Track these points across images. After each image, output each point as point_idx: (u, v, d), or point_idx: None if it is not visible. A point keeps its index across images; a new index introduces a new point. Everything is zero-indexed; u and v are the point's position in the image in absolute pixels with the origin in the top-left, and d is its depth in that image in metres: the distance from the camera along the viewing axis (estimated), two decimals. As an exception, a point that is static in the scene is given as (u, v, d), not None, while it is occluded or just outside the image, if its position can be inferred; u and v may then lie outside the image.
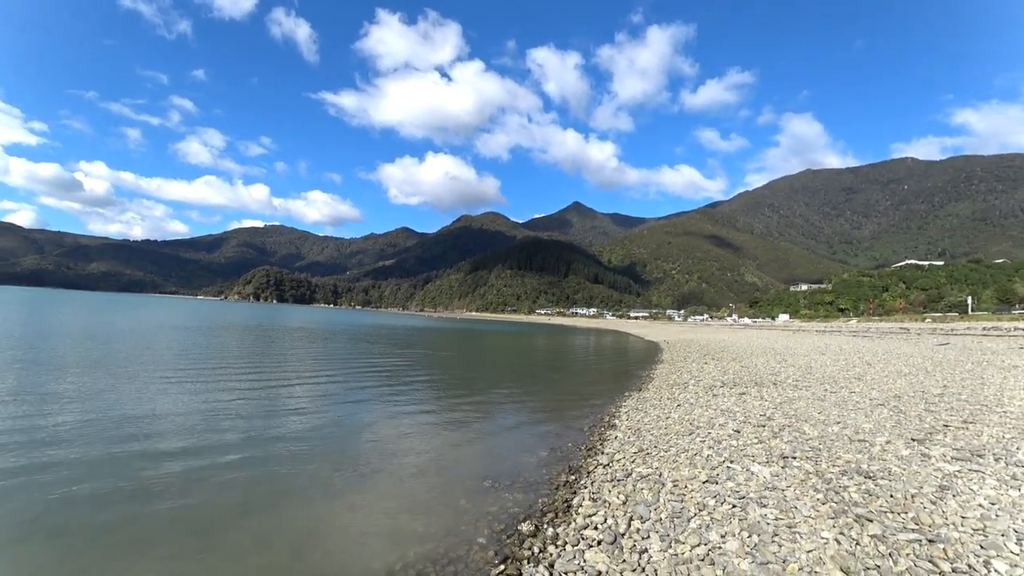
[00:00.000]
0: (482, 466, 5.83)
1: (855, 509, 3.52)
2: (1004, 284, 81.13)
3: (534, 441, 7.06)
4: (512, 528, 4.05)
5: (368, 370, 14.37)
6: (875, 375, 10.73)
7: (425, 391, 11.19)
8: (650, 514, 3.78)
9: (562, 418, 8.61)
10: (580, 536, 3.59)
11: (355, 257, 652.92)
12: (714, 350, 23.04)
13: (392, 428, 7.41)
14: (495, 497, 4.80)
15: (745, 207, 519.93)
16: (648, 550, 3.24)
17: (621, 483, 4.62)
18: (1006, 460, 4.34)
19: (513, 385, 12.91)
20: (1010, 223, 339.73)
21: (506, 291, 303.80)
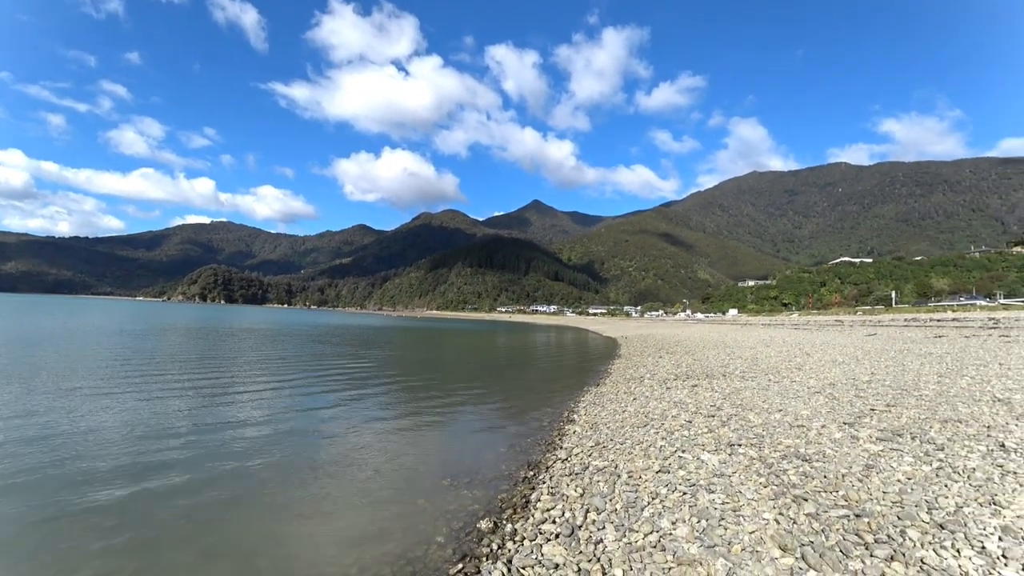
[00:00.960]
0: (441, 465, 5.79)
1: (793, 490, 3.76)
2: (922, 279, 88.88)
3: (494, 438, 7.07)
4: (471, 526, 4.05)
5: (323, 372, 13.91)
6: (813, 365, 11.47)
7: (383, 391, 10.96)
8: (606, 505, 3.88)
9: (522, 415, 8.67)
10: (538, 531, 3.64)
11: (310, 255, 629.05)
12: (669, 345, 23.90)
13: (348, 430, 7.21)
14: (454, 495, 4.77)
15: (697, 207, 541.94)
16: (603, 540, 3.32)
17: (579, 476, 4.71)
18: (920, 439, 4.77)
19: (473, 383, 12.88)
20: (927, 224, 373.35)
21: (467, 289, 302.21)
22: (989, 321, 24.07)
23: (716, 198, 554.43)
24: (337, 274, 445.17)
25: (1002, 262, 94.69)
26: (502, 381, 13.80)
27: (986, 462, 4.02)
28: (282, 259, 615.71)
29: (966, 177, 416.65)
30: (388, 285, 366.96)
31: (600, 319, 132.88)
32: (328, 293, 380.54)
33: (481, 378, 14.30)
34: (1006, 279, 74.61)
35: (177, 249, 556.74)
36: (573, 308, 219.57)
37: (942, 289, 77.69)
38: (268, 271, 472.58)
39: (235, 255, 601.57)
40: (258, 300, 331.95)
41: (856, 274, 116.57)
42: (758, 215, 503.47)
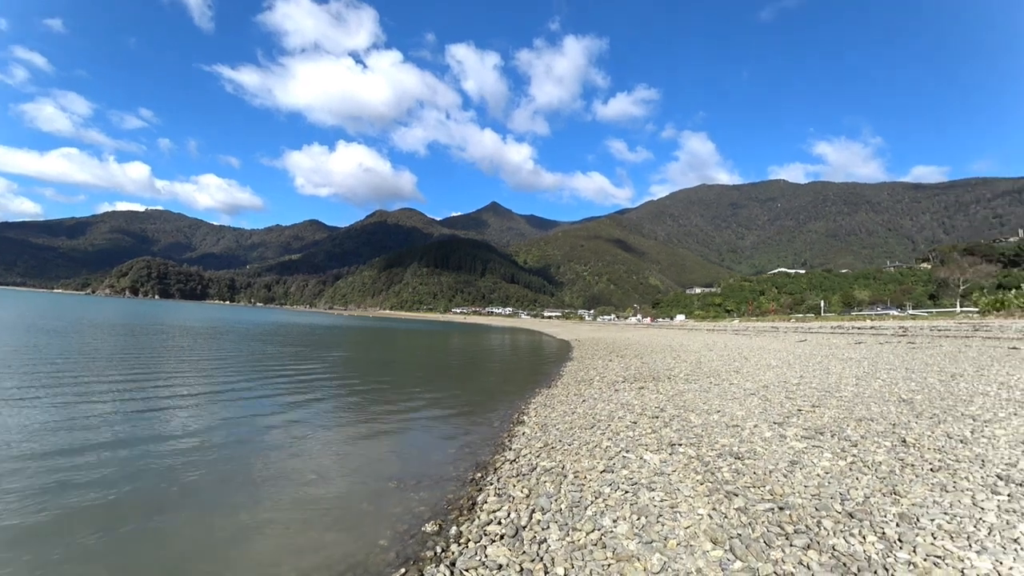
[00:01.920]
0: (388, 467, 5.66)
1: (726, 487, 3.98)
2: (847, 290, 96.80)
3: (444, 439, 7.01)
4: (416, 528, 3.99)
5: (265, 373, 13.25)
6: (750, 368, 12.19)
7: (330, 393, 10.58)
8: (551, 505, 3.95)
9: (473, 416, 8.65)
10: (483, 532, 3.64)
11: (256, 250, 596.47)
12: (619, 348, 24.63)
13: (290, 435, 6.90)
14: (400, 497, 4.69)
15: (650, 215, 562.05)
16: (547, 540, 3.37)
17: (526, 477, 4.76)
18: (838, 436, 5.19)
19: (425, 384, 12.70)
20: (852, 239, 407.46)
21: (422, 289, 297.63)
22: (899, 329, 26.54)
23: (667, 208, 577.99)
24: (286, 270, 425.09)
25: (911, 276, 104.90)
26: (455, 383, 13.70)
27: (890, 456, 4.44)
28: (225, 253, 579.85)
29: (884, 199, 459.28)
30: (340, 283, 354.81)
31: (554, 322, 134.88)
32: (276, 290, 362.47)
33: (433, 380, 14.12)
34: (914, 292, 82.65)
35: (105, 238, 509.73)
36: (528, 310, 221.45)
37: (863, 300, 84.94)
38: (209, 265, 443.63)
39: (172, 247, 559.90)
40: (198, 296, 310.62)
41: (791, 284, 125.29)
42: (706, 225, 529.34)
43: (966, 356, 12.40)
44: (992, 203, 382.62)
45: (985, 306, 37.56)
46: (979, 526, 3.03)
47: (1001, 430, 5.15)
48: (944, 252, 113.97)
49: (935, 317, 43.57)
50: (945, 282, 74.01)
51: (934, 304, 68.26)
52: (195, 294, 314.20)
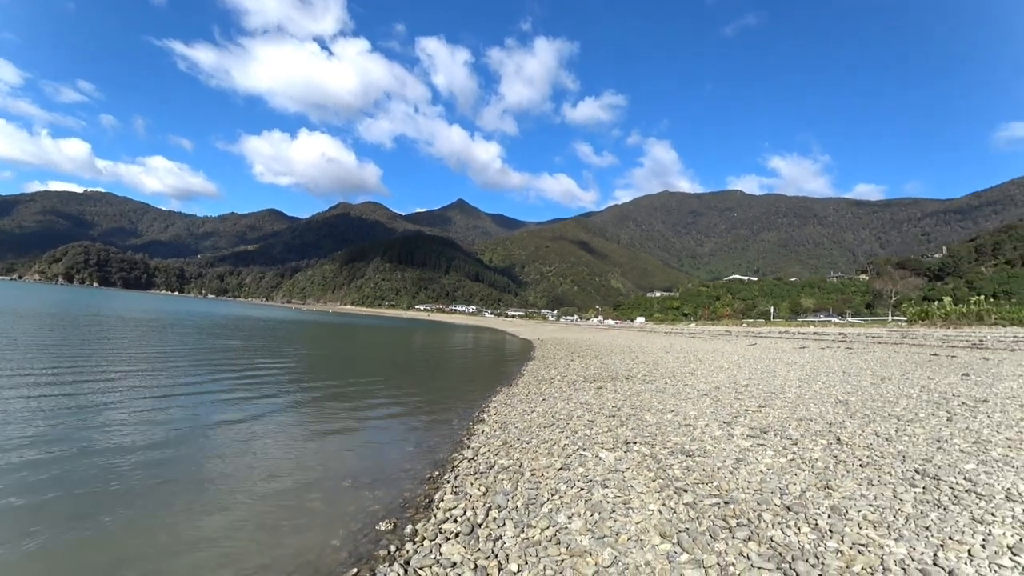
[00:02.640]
0: (343, 465, 5.53)
1: (676, 483, 4.13)
2: (795, 298, 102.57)
3: (402, 438, 6.91)
4: (370, 527, 3.91)
5: (214, 367, 12.62)
6: (704, 370, 12.68)
7: (285, 390, 10.21)
8: (507, 503, 3.97)
9: (433, 414, 8.57)
10: (439, 530, 3.62)
11: (209, 239, 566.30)
12: (580, 348, 25.05)
13: (239, 432, 6.61)
14: (354, 496, 4.59)
15: (614, 219, 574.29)
16: (502, 537, 3.40)
17: (483, 475, 4.77)
18: (781, 435, 5.50)
19: (385, 382, 12.47)
20: (801, 250, 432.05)
21: (384, 285, 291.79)
22: (839, 336, 28.36)
23: (631, 213, 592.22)
24: (241, 261, 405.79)
25: (851, 287, 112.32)
26: (415, 381, 13.53)
27: (826, 453, 4.74)
28: (175, 240, 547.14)
29: (830, 213, 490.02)
30: (299, 276, 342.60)
31: (518, 321, 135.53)
32: (229, 281, 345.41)
33: (394, 378, 13.89)
34: (853, 301, 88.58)
35: (35, 220, 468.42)
36: (492, 309, 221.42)
37: (808, 307, 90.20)
38: (157, 253, 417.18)
39: (114, 232, 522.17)
40: (142, 285, 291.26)
41: (744, 290, 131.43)
42: (667, 231, 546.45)
43: (894, 361, 13.39)
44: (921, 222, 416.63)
45: (912, 316, 40.72)
46: (898, 516, 3.30)
47: (920, 429, 5.61)
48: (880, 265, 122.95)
49: (870, 325, 46.87)
50: (880, 293, 79.82)
51: (870, 313, 73.41)
52: (140, 283, 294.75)
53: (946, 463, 4.36)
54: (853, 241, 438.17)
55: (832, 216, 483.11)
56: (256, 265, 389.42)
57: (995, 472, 4.10)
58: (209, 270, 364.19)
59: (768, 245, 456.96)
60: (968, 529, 3.08)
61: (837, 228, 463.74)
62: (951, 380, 9.50)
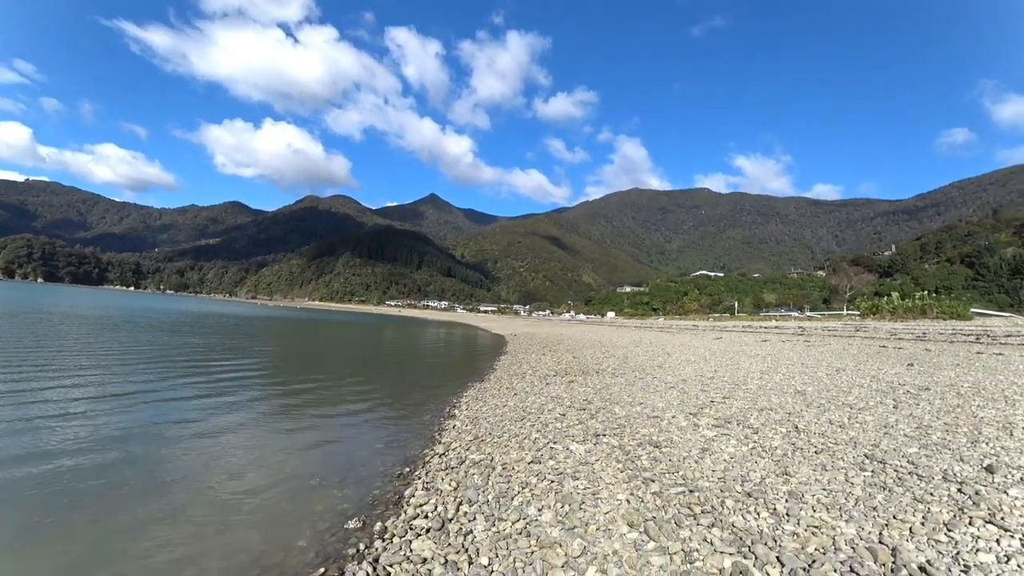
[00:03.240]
0: (311, 464, 5.40)
1: (644, 473, 4.24)
2: (758, 293, 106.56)
3: (372, 435, 6.81)
4: (338, 526, 3.85)
5: (174, 365, 12.09)
6: (672, 363, 13.02)
7: (249, 388, 9.88)
8: (478, 497, 3.98)
9: (404, 410, 8.48)
10: (409, 526, 3.59)
11: (167, 232, 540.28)
12: (552, 343, 25.27)
13: (200, 432, 6.37)
14: (322, 495, 4.50)
15: (586, 215, 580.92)
16: (473, 531, 3.40)
17: (455, 470, 4.75)
18: (743, 424, 5.71)
19: (355, 379, 12.25)
20: (764, 247, 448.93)
21: (354, 280, 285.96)
22: (798, 329, 29.66)
23: (602, 209, 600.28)
24: (202, 255, 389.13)
25: (810, 283, 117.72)
26: (386, 377, 13.35)
27: (784, 441, 4.96)
28: (130, 233, 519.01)
29: (791, 212, 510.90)
30: (265, 271, 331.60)
31: (490, 316, 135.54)
32: (190, 276, 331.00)
33: (364, 374, 13.66)
34: (811, 296, 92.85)
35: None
36: (464, 305, 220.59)
37: (770, 302, 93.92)
38: (110, 246, 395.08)
39: (61, 223, 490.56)
40: (94, 280, 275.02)
41: (711, 286, 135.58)
42: (637, 228, 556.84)
43: (848, 353, 14.11)
44: (873, 221, 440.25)
45: (864, 310, 42.97)
46: (848, 499, 3.49)
47: (870, 416, 5.94)
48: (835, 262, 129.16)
49: (827, 319, 49.23)
50: (835, 288, 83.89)
51: (827, 307, 77.05)
52: (90, 278, 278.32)
53: (892, 448, 4.64)
54: (812, 239, 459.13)
55: (793, 215, 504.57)
56: (218, 259, 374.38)
57: (934, 455, 4.38)
58: (168, 264, 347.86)
59: (733, 242, 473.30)
60: (910, 508, 3.28)
61: (797, 226, 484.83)
62: (897, 370, 10.09)
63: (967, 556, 2.67)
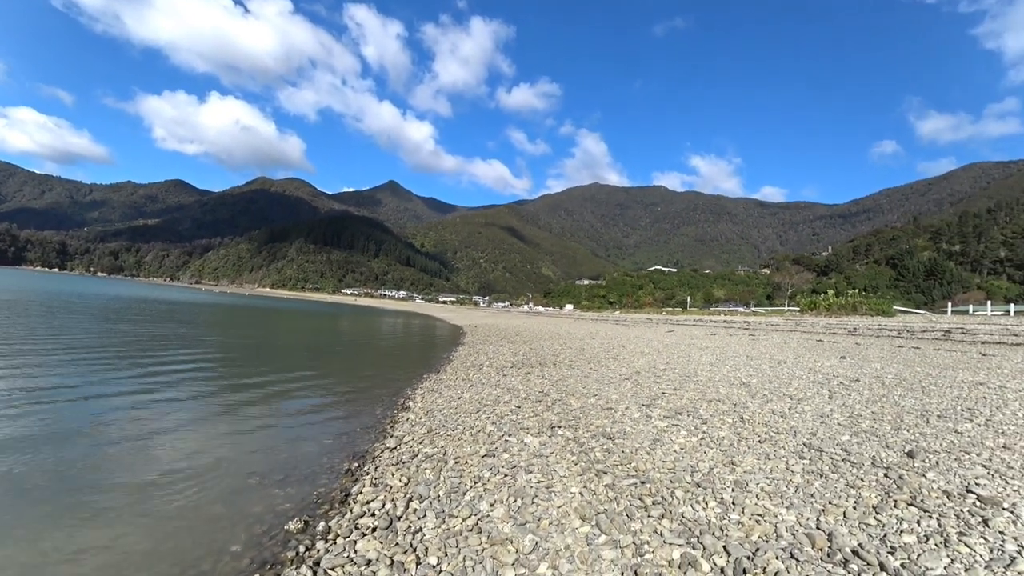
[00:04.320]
0: (250, 462, 5.07)
1: (597, 465, 4.25)
2: (708, 289, 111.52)
3: (320, 430, 6.50)
4: (277, 528, 3.61)
5: (102, 356, 11.11)
6: (626, 355, 13.31)
7: (187, 380, 9.22)
8: (429, 493, 3.85)
9: (356, 403, 8.18)
10: (354, 526, 3.42)
11: (98, 209, 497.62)
12: (510, 334, 25.31)
13: (127, 430, 5.85)
14: (261, 495, 4.22)
15: (546, 208, 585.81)
16: (422, 529, 3.28)
17: (406, 465, 4.60)
18: (693, 415, 5.88)
19: (305, 370, 11.73)
20: (715, 245, 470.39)
21: (308, 267, 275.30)
22: (744, 324, 31.24)
23: (563, 202, 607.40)
24: (140, 236, 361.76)
25: (755, 280, 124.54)
26: (339, 368, 12.88)
27: (731, 432, 5.13)
28: (53, 208, 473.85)
29: (740, 212, 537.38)
30: (211, 255, 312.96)
31: (449, 307, 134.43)
32: (125, 259, 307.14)
33: (315, 366, 13.12)
34: (757, 293, 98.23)
35: None
36: (423, 295, 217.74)
37: (720, 297, 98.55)
38: (28, 223, 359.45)
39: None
40: (9, 260, 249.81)
41: (665, 281, 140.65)
42: (596, 222, 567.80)
43: (789, 346, 14.96)
44: (813, 223, 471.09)
45: (803, 307, 45.83)
46: (789, 486, 3.63)
47: (808, 406, 6.27)
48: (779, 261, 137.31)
49: (770, 314, 52.17)
50: (778, 285, 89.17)
51: (770, 303, 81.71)
52: (6, 258, 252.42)
53: (827, 436, 4.90)
54: (758, 238, 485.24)
55: (742, 215, 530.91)
56: (158, 241, 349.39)
57: (864, 442, 4.67)
58: (100, 245, 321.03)
59: (687, 239, 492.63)
60: (843, 494, 3.46)
61: (746, 226, 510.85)
62: (832, 363, 10.77)
63: (893, 538, 2.82)
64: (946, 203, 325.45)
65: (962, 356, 11.64)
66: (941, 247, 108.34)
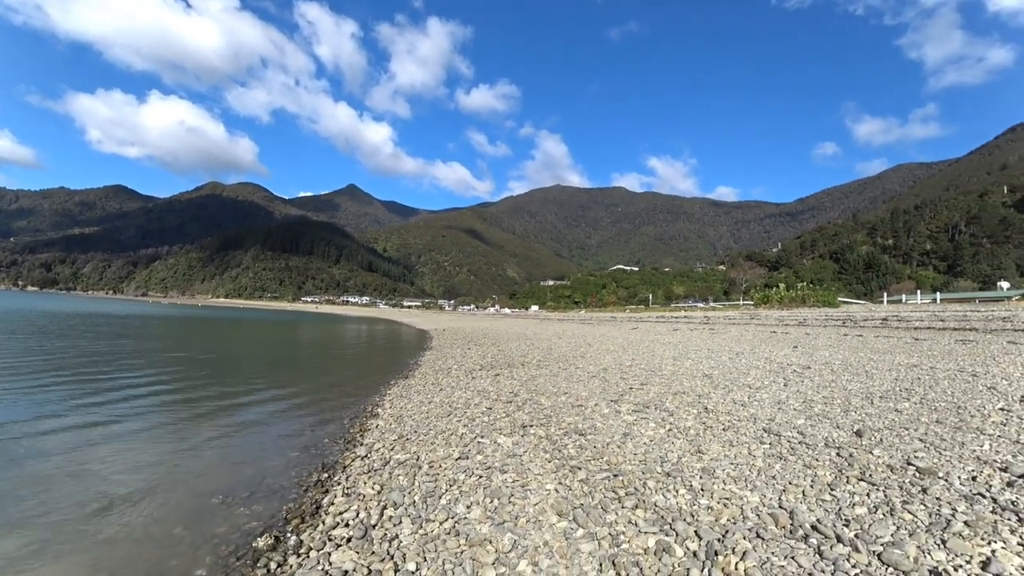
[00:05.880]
0: (212, 480, 4.84)
1: (571, 461, 4.32)
2: (669, 286, 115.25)
3: (286, 442, 6.27)
4: (245, 547, 3.46)
5: (47, 374, 10.27)
6: (593, 353, 13.56)
7: (140, 397, 8.67)
8: (403, 499, 3.80)
9: (322, 413, 7.94)
10: (328, 537, 3.33)
11: (25, 218, 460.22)
12: (477, 337, 25.25)
13: (77, 451, 5.45)
14: (226, 514, 4.03)
15: (510, 210, 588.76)
16: (399, 536, 3.23)
17: (378, 473, 4.51)
18: (659, 409, 6.07)
19: (267, 382, 11.28)
20: (674, 243, 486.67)
21: (266, 275, 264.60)
22: (704, 318, 32.45)
23: (526, 204, 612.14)
24: (76, 246, 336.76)
25: (713, 276, 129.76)
26: (302, 379, 12.46)
27: (697, 422, 5.34)
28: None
29: (697, 211, 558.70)
30: (158, 265, 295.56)
31: (414, 311, 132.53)
32: (60, 271, 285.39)
33: (277, 376, 12.64)
34: (714, 288, 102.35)
35: None
36: (387, 300, 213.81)
37: (680, 294, 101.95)
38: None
39: None
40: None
41: (627, 279, 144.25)
42: (559, 223, 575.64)
43: (746, 338, 15.68)
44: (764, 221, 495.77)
45: (757, 300, 48.14)
46: (751, 470, 3.82)
47: (766, 394, 6.60)
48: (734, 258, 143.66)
49: (727, 308, 54.45)
50: (734, 281, 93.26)
51: (727, 298, 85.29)
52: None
53: (784, 421, 5.17)
54: (714, 236, 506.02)
55: (698, 214, 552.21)
56: (98, 251, 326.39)
57: (817, 425, 4.97)
58: (29, 257, 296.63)
59: (647, 238, 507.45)
60: (801, 474, 3.67)
61: (702, 224, 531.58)
62: (785, 352, 11.37)
63: (847, 511, 3.03)
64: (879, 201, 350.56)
65: (898, 341, 12.56)
66: (877, 241, 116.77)
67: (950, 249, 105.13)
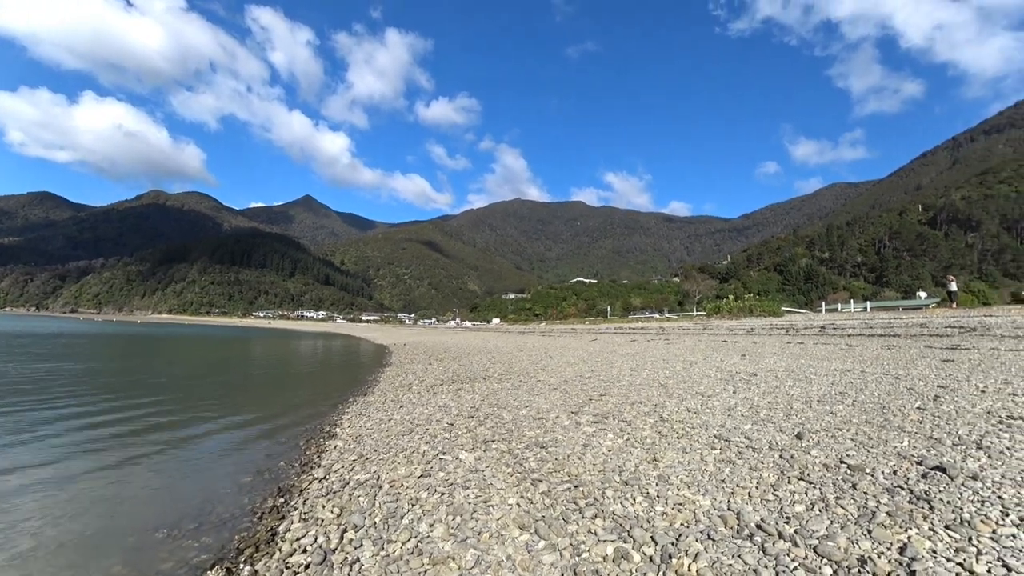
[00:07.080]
0: (155, 512, 4.55)
1: (532, 475, 4.38)
2: (626, 298, 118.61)
3: (237, 467, 5.98)
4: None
5: (-57, 405, 9.26)
6: (554, 366, 13.73)
7: (70, 423, 7.99)
8: (364, 521, 3.73)
9: (276, 435, 7.62)
10: (284, 566, 3.22)
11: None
12: (439, 351, 24.96)
13: (4, 492, 4.97)
14: (171, 548, 3.81)
15: (470, 223, 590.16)
16: (360, 559, 3.18)
17: (337, 495, 4.40)
18: (618, 419, 6.26)
19: (215, 403, 10.68)
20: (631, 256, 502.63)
21: (214, 290, 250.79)
22: (660, 329, 33.58)
23: (486, 218, 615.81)
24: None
25: (668, 288, 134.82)
26: (254, 400, 11.88)
27: (653, 431, 5.55)
28: None
29: (652, 226, 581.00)
30: (91, 279, 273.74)
31: (373, 326, 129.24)
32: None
33: (227, 397, 11.98)
34: (669, 300, 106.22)
35: None
36: (344, 314, 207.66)
37: (637, 305, 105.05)
38: None
39: None
40: None
41: (586, 291, 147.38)
42: (519, 237, 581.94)
43: (699, 348, 16.37)
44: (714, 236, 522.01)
45: (709, 311, 50.37)
46: (703, 475, 4.02)
47: (717, 401, 6.94)
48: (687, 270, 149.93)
49: (681, 319, 56.57)
50: (688, 292, 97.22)
51: (681, 309, 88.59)
52: None
53: (733, 426, 5.47)
54: (668, 249, 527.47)
55: (653, 228, 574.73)
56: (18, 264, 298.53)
57: (762, 429, 5.28)
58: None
59: (605, 251, 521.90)
60: (748, 477, 3.90)
61: (657, 238, 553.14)
62: (734, 360, 11.98)
63: (787, 509, 3.26)
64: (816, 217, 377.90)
65: (834, 348, 13.52)
66: (815, 255, 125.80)
67: (877, 262, 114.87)
